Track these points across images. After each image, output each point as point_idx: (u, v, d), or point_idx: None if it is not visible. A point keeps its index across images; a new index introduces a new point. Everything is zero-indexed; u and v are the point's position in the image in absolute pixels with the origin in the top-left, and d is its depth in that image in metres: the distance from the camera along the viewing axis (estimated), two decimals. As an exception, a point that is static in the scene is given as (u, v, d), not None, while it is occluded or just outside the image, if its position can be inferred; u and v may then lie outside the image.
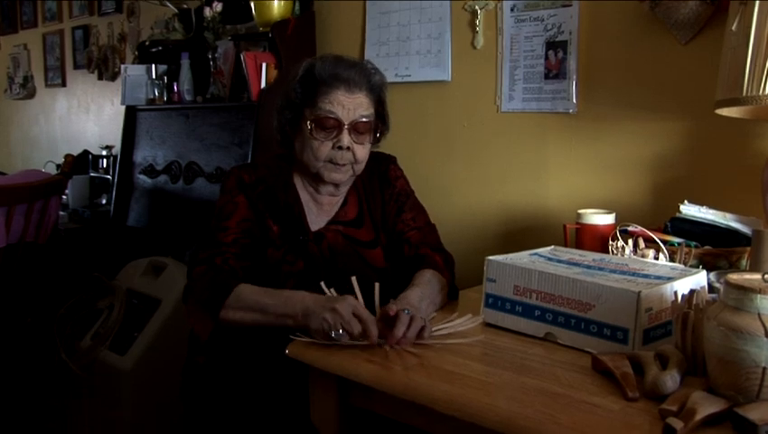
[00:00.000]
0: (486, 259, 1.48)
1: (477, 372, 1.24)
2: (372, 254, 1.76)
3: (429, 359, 1.29)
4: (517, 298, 1.42)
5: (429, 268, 1.68)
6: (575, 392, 1.12)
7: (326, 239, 1.73)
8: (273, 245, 1.69)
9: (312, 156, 1.67)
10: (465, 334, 1.42)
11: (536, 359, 1.28)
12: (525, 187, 2.41)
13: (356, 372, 1.28)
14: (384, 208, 1.80)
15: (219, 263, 1.61)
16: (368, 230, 1.78)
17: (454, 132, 2.60)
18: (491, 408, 1.09)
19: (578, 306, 1.32)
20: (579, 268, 1.40)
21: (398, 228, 1.79)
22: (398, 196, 1.81)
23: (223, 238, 1.65)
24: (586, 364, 1.24)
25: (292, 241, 1.70)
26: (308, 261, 1.69)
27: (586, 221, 1.94)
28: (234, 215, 1.67)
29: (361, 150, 1.69)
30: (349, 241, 1.75)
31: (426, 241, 1.78)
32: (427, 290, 1.58)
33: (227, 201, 1.70)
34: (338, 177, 1.70)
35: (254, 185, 1.71)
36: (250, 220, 1.68)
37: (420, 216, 1.82)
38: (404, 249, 1.77)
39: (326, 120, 1.65)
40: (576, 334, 1.33)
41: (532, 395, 1.12)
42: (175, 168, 3.28)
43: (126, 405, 2.42)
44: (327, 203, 1.77)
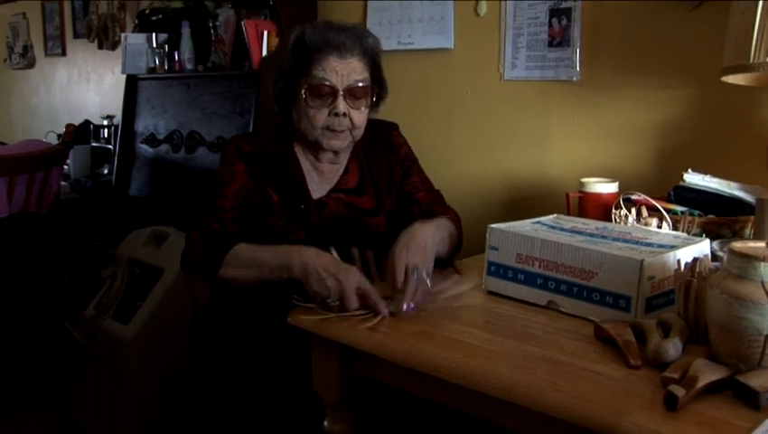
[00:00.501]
0: (489, 227, 1.48)
1: (480, 339, 1.24)
2: (374, 221, 1.76)
3: (432, 327, 1.30)
4: (519, 266, 1.42)
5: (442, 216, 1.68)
6: (577, 360, 1.12)
7: (328, 207, 1.73)
8: (274, 214, 1.69)
9: (309, 125, 1.67)
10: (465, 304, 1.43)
11: (538, 327, 1.29)
12: (528, 155, 2.41)
13: (358, 340, 1.29)
14: (390, 174, 1.80)
15: (216, 228, 1.61)
16: (370, 197, 1.78)
17: (457, 100, 2.58)
18: (494, 375, 1.09)
19: (581, 274, 1.32)
20: (582, 237, 1.40)
21: (405, 190, 1.79)
22: (404, 161, 1.81)
23: (221, 204, 1.65)
24: (589, 332, 1.24)
25: (293, 210, 1.70)
26: (310, 230, 1.69)
27: (589, 190, 1.93)
28: (233, 183, 1.67)
29: (358, 115, 1.68)
30: (351, 210, 1.75)
31: (436, 201, 1.79)
32: (441, 225, 1.59)
33: (226, 169, 1.70)
34: (337, 144, 1.69)
35: (254, 154, 1.71)
36: (249, 188, 1.68)
37: (426, 181, 1.83)
38: (413, 210, 1.77)
39: (320, 87, 1.64)
40: (578, 302, 1.33)
41: (535, 363, 1.12)
42: (177, 137, 3.27)
43: (130, 374, 2.43)
44: (328, 171, 1.77)
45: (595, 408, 0.97)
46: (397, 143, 1.83)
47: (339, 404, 1.43)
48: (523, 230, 1.45)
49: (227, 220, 1.63)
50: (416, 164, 1.84)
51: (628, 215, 1.66)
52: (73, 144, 3.44)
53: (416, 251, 1.43)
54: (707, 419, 0.93)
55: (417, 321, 1.32)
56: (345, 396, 1.41)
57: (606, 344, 1.18)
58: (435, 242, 1.51)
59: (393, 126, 1.86)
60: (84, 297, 2.65)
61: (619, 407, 0.97)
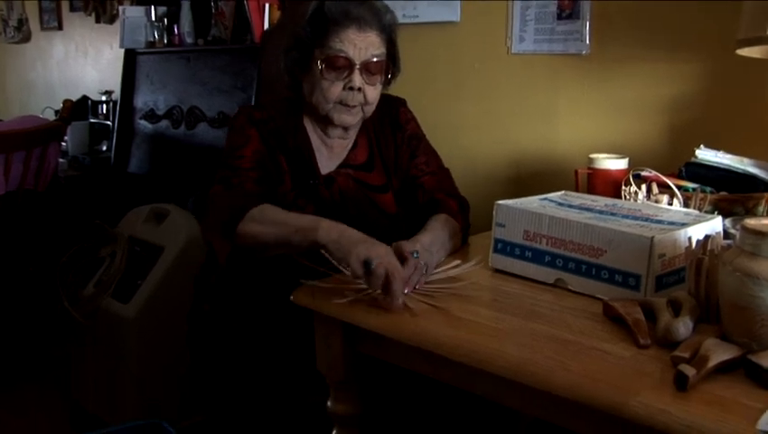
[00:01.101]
0: (495, 204, 1.48)
1: (486, 318, 1.24)
2: (383, 199, 1.76)
3: (437, 305, 1.30)
4: (527, 244, 1.42)
5: (443, 213, 1.67)
6: (585, 339, 1.13)
7: (337, 183, 1.73)
8: (284, 187, 1.68)
9: (322, 98, 1.66)
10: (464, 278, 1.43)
11: (546, 305, 1.29)
12: (536, 131, 2.40)
13: (362, 319, 1.29)
14: (397, 152, 1.79)
15: (236, 183, 1.61)
16: (378, 173, 1.77)
17: (464, 74, 2.57)
18: (501, 354, 1.09)
19: (589, 251, 1.32)
20: (591, 214, 1.40)
21: (411, 173, 1.78)
22: (410, 140, 1.80)
23: (239, 163, 1.64)
24: (597, 311, 1.24)
25: (302, 185, 1.70)
26: (319, 206, 1.69)
27: (598, 166, 1.93)
28: (248, 145, 1.67)
29: (372, 91, 1.67)
30: (360, 186, 1.75)
31: (441, 187, 1.77)
32: (439, 235, 1.57)
33: (238, 135, 1.69)
34: (348, 119, 1.69)
35: (265, 121, 1.70)
36: (263, 153, 1.67)
37: (433, 160, 1.82)
38: (418, 194, 1.76)
39: (337, 60, 1.63)
40: (586, 280, 1.33)
41: (542, 342, 1.12)
42: (177, 113, 3.26)
43: (131, 353, 2.44)
44: (337, 147, 1.77)
45: (604, 387, 0.98)
46: (404, 120, 1.82)
47: (343, 384, 1.44)
48: (531, 206, 1.45)
49: (247, 178, 1.62)
50: (422, 142, 1.83)
51: (638, 192, 1.65)
52: (71, 120, 3.44)
53: (421, 247, 1.43)
54: (717, 400, 0.93)
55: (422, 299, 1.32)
56: (349, 376, 1.42)
57: (615, 323, 1.18)
58: (436, 251, 1.51)
59: (400, 102, 1.85)
60: (83, 275, 2.66)
61: (628, 386, 0.97)
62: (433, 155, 1.83)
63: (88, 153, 4.05)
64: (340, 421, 1.47)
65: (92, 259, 2.68)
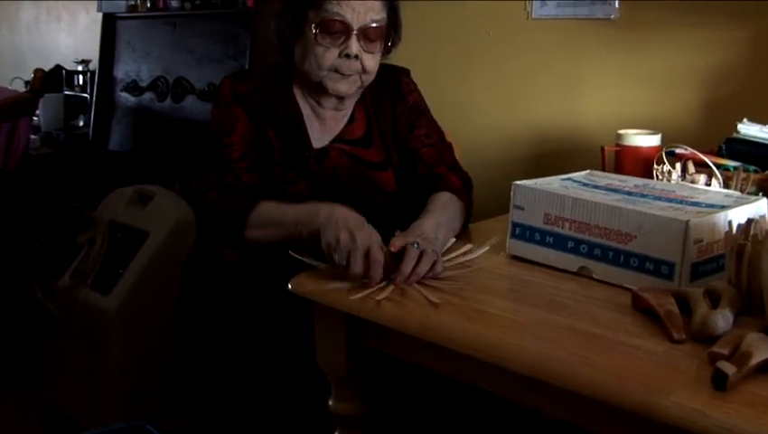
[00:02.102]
0: (513, 184, 1.48)
1: (503, 309, 1.25)
2: (382, 177, 1.76)
3: (449, 295, 1.30)
4: (547, 228, 1.42)
5: (445, 191, 1.68)
6: (612, 333, 1.13)
7: (329, 158, 1.73)
8: (274, 162, 1.70)
9: (314, 64, 1.66)
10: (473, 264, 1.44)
11: (568, 296, 1.29)
12: (557, 105, 2.39)
13: (367, 311, 1.29)
14: (395, 124, 1.79)
15: (230, 182, 1.63)
16: (377, 150, 1.78)
17: (477, 42, 2.56)
18: (519, 349, 1.10)
19: (617, 236, 1.32)
20: (619, 195, 1.40)
21: (409, 145, 1.79)
22: (411, 111, 1.80)
23: (228, 155, 1.66)
24: (626, 302, 1.24)
25: (292, 159, 1.71)
26: (310, 182, 1.70)
27: (628, 143, 1.93)
28: (236, 128, 1.68)
29: (371, 60, 1.67)
30: (355, 162, 1.75)
31: (442, 159, 1.77)
32: (444, 216, 1.58)
33: (224, 115, 1.70)
34: (343, 88, 1.69)
35: (249, 95, 1.71)
36: (252, 132, 1.69)
37: (435, 133, 1.82)
38: (417, 167, 1.77)
39: (333, 23, 1.63)
40: (614, 268, 1.33)
41: (565, 335, 1.12)
42: (162, 84, 3.26)
43: (113, 349, 2.45)
44: (331, 119, 1.77)
45: (633, 386, 0.98)
46: (406, 90, 1.82)
47: (345, 381, 1.44)
48: (552, 187, 1.45)
49: (239, 171, 1.65)
50: (425, 114, 1.83)
51: (672, 171, 1.65)
52: (43, 92, 3.44)
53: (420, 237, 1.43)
54: (760, 401, 0.93)
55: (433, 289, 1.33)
56: (352, 372, 1.42)
57: (646, 316, 1.18)
58: (442, 236, 1.52)
59: (403, 71, 1.85)
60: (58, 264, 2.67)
61: (660, 385, 0.97)
62: (435, 128, 1.83)
63: (63, 128, 4.05)
64: (342, 422, 1.47)
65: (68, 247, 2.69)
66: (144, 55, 3.39)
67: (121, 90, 3.49)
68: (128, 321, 2.45)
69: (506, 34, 2.49)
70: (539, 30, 2.41)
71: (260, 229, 1.55)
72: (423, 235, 1.44)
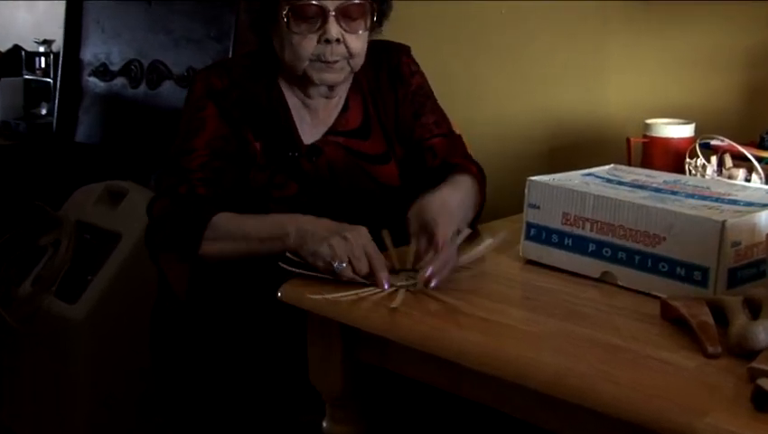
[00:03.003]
0: (528, 180, 1.48)
1: (517, 319, 1.25)
2: (383, 171, 1.76)
3: (456, 303, 1.31)
4: (566, 229, 1.43)
5: (462, 173, 1.69)
6: (638, 346, 1.13)
7: (324, 154, 1.73)
8: (256, 166, 1.69)
9: (293, 55, 1.65)
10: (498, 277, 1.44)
11: (589, 304, 1.30)
12: (578, 91, 2.40)
13: (366, 320, 1.30)
14: (397, 111, 1.79)
15: (184, 192, 1.62)
16: (376, 140, 1.78)
17: (488, 21, 2.57)
18: (534, 363, 1.10)
19: (644, 238, 1.33)
20: (646, 192, 1.41)
21: (416, 134, 1.79)
22: (415, 96, 1.81)
23: (187, 163, 1.65)
24: (653, 312, 1.25)
25: (280, 159, 1.70)
26: (302, 183, 1.69)
27: (657, 134, 1.93)
28: (201, 133, 1.67)
29: (356, 41, 1.66)
30: (352, 156, 1.75)
31: (458, 152, 1.79)
32: (467, 197, 1.60)
33: (191, 116, 1.70)
34: (331, 78, 1.68)
35: (226, 91, 1.70)
36: (223, 136, 1.68)
37: (443, 121, 1.83)
38: (426, 159, 1.78)
39: (305, 8, 1.61)
40: (640, 273, 1.34)
41: (585, 348, 1.13)
42: (135, 69, 3.26)
43: (79, 365, 2.45)
44: (322, 109, 1.76)
45: (662, 405, 0.98)
46: (407, 72, 1.82)
47: (341, 400, 1.45)
48: (572, 183, 1.46)
49: (195, 182, 1.63)
50: (430, 99, 1.84)
51: (706, 165, 1.66)
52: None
53: (453, 220, 1.45)
54: (805, 422, 0.93)
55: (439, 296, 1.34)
56: (348, 390, 1.43)
57: (676, 327, 1.19)
58: (461, 217, 1.53)
59: (403, 49, 1.84)
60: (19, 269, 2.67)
61: (692, 405, 0.97)
62: (442, 116, 1.84)
63: (24, 117, 4.04)
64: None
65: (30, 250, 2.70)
66: (114, 35, 3.39)
67: (89, 75, 3.48)
68: (97, 333, 2.45)
69: (521, 13, 2.48)
70: (558, 8, 2.41)
71: (219, 242, 1.54)
72: (450, 213, 1.46)
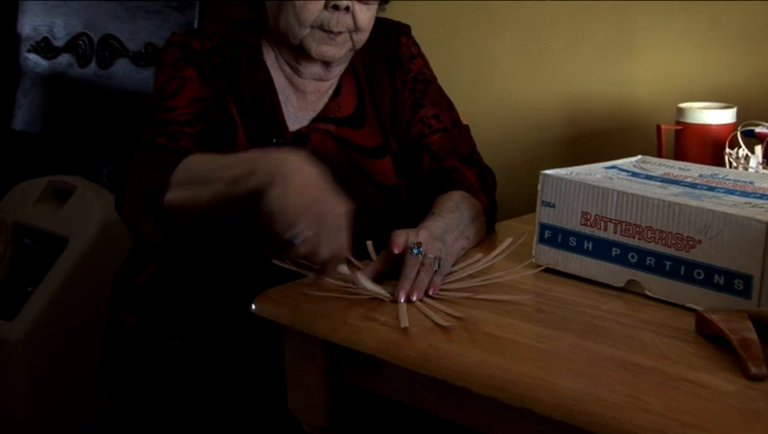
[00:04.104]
0: (541, 175, 1.49)
1: (528, 336, 1.26)
2: (377, 166, 1.78)
3: (459, 318, 1.31)
4: (586, 231, 1.43)
5: (457, 189, 1.69)
6: (670, 366, 1.14)
7: (310, 142, 1.74)
8: (235, 147, 1.69)
9: (294, 20, 1.66)
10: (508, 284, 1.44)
11: (613, 318, 1.30)
12: (601, 72, 2.40)
13: (354, 337, 1.30)
14: (395, 99, 1.81)
15: (163, 142, 1.60)
16: (371, 131, 1.79)
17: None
18: (548, 387, 1.10)
19: (677, 242, 1.33)
20: (679, 188, 1.41)
21: (414, 130, 1.80)
22: (415, 83, 1.82)
23: (168, 117, 1.64)
24: (688, 326, 1.25)
25: (261, 144, 1.71)
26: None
27: (692, 120, 1.93)
28: (182, 92, 1.67)
29: (365, 13, 1.68)
30: (343, 147, 1.76)
31: (457, 150, 1.79)
32: (454, 219, 1.58)
33: (169, 75, 1.70)
34: (331, 52, 1.69)
35: (208, 54, 1.71)
36: (206, 99, 1.68)
37: (446, 112, 1.83)
38: (423, 161, 1.78)
39: None
40: (672, 282, 1.34)
41: (608, 369, 1.13)
42: (84, 44, 3.26)
43: (17, 391, 2.45)
44: (312, 92, 1.78)
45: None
46: (406, 54, 1.83)
47: (324, 430, 1.45)
48: (592, 178, 1.46)
49: (180, 134, 1.61)
50: (431, 87, 1.85)
51: (749, 156, 1.66)
52: None
53: (426, 237, 1.44)
54: None
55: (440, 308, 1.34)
56: (334, 419, 1.43)
57: (713, 344, 1.19)
58: (451, 241, 1.52)
59: (402, 29, 1.86)
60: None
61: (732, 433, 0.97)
62: (446, 106, 1.85)
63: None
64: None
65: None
66: (58, 6, 3.38)
67: (28, 52, 3.48)
68: (38, 354, 2.44)
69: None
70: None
71: (183, 189, 1.43)
72: (429, 237, 1.45)
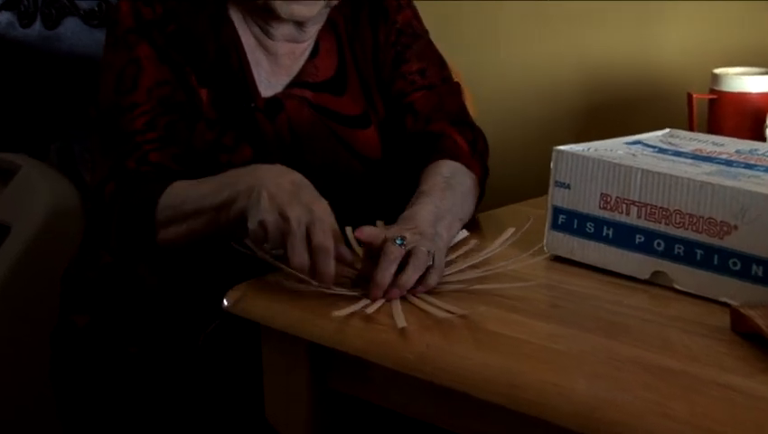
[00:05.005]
0: (554, 151, 1.50)
1: (540, 334, 1.26)
2: (361, 137, 1.78)
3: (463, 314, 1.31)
4: (606, 216, 1.44)
5: (446, 159, 1.70)
6: (700, 368, 1.14)
7: (285, 111, 1.75)
8: (201, 119, 1.70)
9: None
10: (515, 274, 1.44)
11: (636, 314, 1.31)
12: (624, 34, 2.41)
13: (341, 336, 1.30)
14: (377, 57, 1.82)
15: (134, 167, 1.62)
16: (354, 97, 1.80)
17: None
18: (563, 392, 1.10)
19: (709, 227, 1.33)
20: (712, 166, 1.42)
21: (396, 87, 1.81)
22: (399, 35, 1.82)
23: (130, 124, 1.65)
24: (721, 324, 1.26)
25: (231, 113, 1.72)
26: (258, 147, 1.71)
27: (728, 88, 1.94)
28: (141, 79, 1.67)
29: None
30: (321, 116, 1.77)
31: (443, 109, 1.80)
32: (447, 200, 1.59)
33: (122, 58, 1.69)
34: (302, 12, 1.69)
35: (160, 23, 1.70)
36: (168, 81, 1.69)
37: (434, 68, 1.84)
38: (406, 122, 1.80)
39: None
40: (703, 273, 1.34)
41: (630, 371, 1.14)
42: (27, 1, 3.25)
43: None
44: (286, 54, 1.78)
45: (730, 444, 0.99)
46: (393, 5, 1.83)
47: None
48: (613, 155, 1.47)
49: (146, 147, 1.63)
50: (420, 40, 1.85)
51: (792, 130, 1.67)
52: None
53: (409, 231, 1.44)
54: None
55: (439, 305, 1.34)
56: (317, 429, 1.44)
57: (750, 343, 1.20)
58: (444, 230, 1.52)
59: None
60: None
61: (771, 443, 0.98)
62: (435, 61, 1.85)
63: None
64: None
65: None
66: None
67: (-39, 10, 3.48)
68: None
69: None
70: None
71: (171, 226, 1.54)
72: (415, 228, 1.45)
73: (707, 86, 1.98)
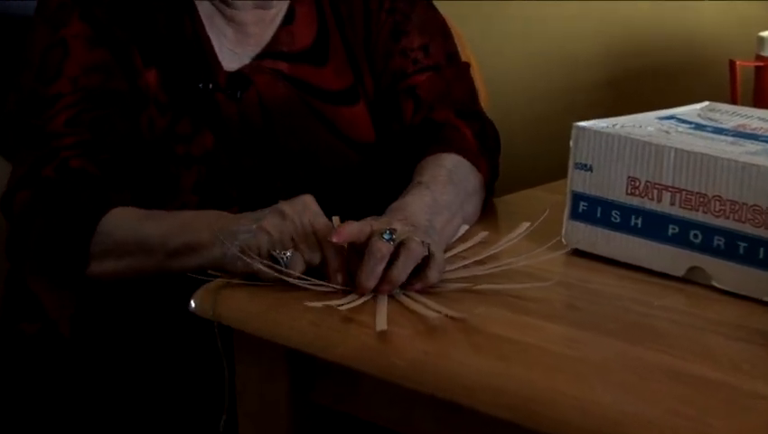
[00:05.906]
0: (574, 128, 1.50)
1: (555, 340, 1.27)
2: (348, 115, 1.78)
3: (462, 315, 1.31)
4: (634, 203, 1.44)
5: (451, 151, 1.70)
6: (741, 379, 1.14)
7: (254, 86, 1.74)
8: (150, 105, 1.70)
9: None
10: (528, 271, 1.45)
11: (667, 316, 1.31)
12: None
13: (325, 343, 1.31)
14: (368, 25, 1.81)
15: (51, 176, 1.62)
16: (338, 68, 1.79)
17: None
18: (583, 405, 1.10)
19: (753, 216, 1.33)
20: (757, 144, 1.42)
21: (393, 65, 1.81)
22: (395, 1, 1.82)
23: (47, 122, 1.65)
24: (765, 327, 1.26)
25: (185, 96, 1.71)
26: (220, 134, 1.70)
27: (775, 55, 1.95)
28: (65, 66, 1.67)
29: None
30: (299, 92, 1.76)
31: (451, 96, 1.80)
32: (447, 195, 1.59)
33: (48, 41, 1.69)
34: None
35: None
36: (99, 67, 1.68)
37: (438, 43, 1.84)
38: (405, 110, 1.79)
39: None
40: (747, 269, 1.34)
41: (660, 382, 1.14)
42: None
43: None
44: (252, 23, 1.77)
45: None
46: None
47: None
48: (642, 132, 1.47)
49: (65, 152, 1.63)
50: (419, 6, 1.85)
51: None
52: None
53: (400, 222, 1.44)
54: None
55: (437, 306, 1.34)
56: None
57: (800, 350, 1.20)
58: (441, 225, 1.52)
59: None
60: None
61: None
62: (438, 33, 1.85)
63: None
64: None
65: None
66: None
67: None
68: None
69: None
70: None
71: (107, 260, 1.56)
72: (405, 219, 1.45)
73: (753, 52, 1.97)
